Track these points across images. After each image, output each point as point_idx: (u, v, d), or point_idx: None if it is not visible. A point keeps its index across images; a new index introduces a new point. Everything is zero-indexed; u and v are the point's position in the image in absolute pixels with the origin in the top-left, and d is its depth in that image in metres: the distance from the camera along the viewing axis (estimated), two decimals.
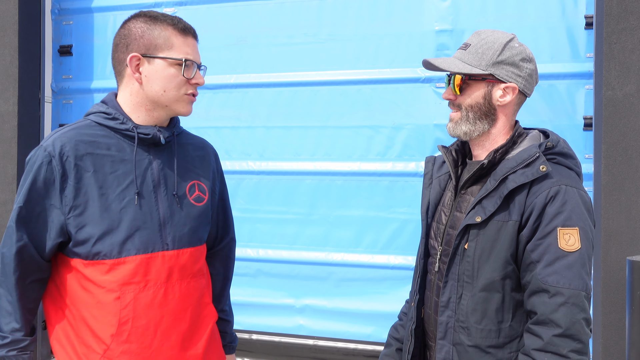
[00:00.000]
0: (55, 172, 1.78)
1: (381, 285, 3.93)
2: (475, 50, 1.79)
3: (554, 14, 3.64)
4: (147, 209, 1.85)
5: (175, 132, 1.96)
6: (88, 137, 1.83)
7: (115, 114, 1.87)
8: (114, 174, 1.83)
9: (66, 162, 1.78)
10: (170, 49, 1.84)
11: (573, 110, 3.62)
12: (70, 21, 4.56)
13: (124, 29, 1.91)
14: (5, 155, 4.24)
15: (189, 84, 1.87)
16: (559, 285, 1.61)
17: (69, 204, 1.78)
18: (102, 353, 1.82)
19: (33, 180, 1.78)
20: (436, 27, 3.83)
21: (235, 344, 2.24)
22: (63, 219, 1.80)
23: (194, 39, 1.91)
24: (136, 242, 1.82)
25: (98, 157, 1.82)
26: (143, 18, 1.89)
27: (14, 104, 4.23)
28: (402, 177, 3.90)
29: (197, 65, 1.89)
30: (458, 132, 1.82)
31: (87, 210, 1.80)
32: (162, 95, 1.85)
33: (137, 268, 1.82)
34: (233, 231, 2.22)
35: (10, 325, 1.83)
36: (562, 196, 1.66)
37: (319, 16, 4.05)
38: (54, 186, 1.78)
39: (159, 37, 1.84)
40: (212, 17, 4.22)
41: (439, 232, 1.87)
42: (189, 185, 1.96)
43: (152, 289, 1.84)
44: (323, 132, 4.04)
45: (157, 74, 1.84)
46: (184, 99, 1.88)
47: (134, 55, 1.85)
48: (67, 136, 1.82)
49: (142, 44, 1.85)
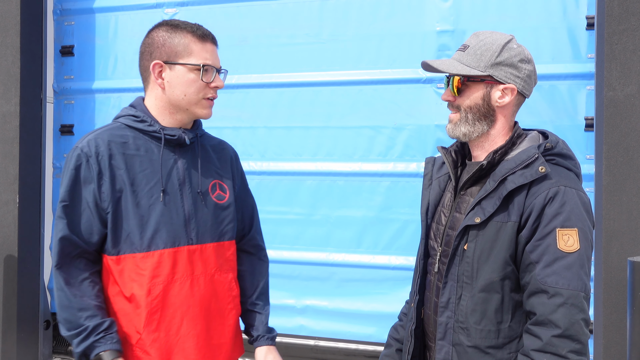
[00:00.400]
0: (92, 171, 1.92)
1: (382, 286, 3.94)
2: (474, 52, 1.79)
3: (555, 14, 3.63)
4: (172, 206, 1.98)
5: (198, 133, 2.09)
6: (119, 139, 1.97)
7: (143, 116, 2.00)
8: (142, 172, 1.96)
9: (101, 161, 1.92)
10: (189, 55, 1.96)
11: (574, 111, 3.61)
12: (72, 22, 4.57)
13: (148, 37, 2.03)
14: (7, 155, 4.25)
15: (208, 87, 1.99)
16: (557, 285, 1.61)
17: (106, 199, 1.92)
18: (134, 343, 1.95)
19: (73, 179, 1.92)
20: (437, 28, 3.83)
21: (272, 335, 2.22)
22: (103, 213, 1.94)
23: (213, 44, 2.03)
24: (163, 236, 1.95)
25: (129, 156, 1.96)
26: (165, 27, 2.01)
27: (16, 104, 4.24)
28: (403, 178, 3.90)
29: (216, 69, 2.01)
30: (457, 133, 1.83)
31: (121, 205, 1.94)
32: (182, 99, 1.98)
33: (165, 261, 1.95)
34: (256, 230, 2.30)
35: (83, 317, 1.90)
36: (561, 197, 1.66)
37: (321, 17, 4.05)
38: (93, 183, 1.92)
39: (179, 44, 1.96)
40: (213, 17, 4.22)
41: (439, 233, 1.87)
42: (211, 184, 2.09)
43: (179, 281, 1.98)
44: (324, 133, 4.04)
45: (178, 79, 1.96)
46: (203, 103, 2.00)
47: (157, 63, 1.97)
48: (101, 137, 1.96)
49: (164, 51, 1.97)
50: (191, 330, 2.00)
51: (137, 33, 4.40)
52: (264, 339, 2.20)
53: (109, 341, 1.89)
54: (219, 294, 2.08)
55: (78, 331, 1.90)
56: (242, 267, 2.25)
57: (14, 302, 4.24)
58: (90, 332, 1.89)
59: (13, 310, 4.24)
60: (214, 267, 2.06)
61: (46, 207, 4.51)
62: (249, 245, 2.28)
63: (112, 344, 1.89)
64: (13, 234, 4.24)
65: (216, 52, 2.04)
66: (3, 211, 4.26)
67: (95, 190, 1.92)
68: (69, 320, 1.92)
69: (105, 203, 1.92)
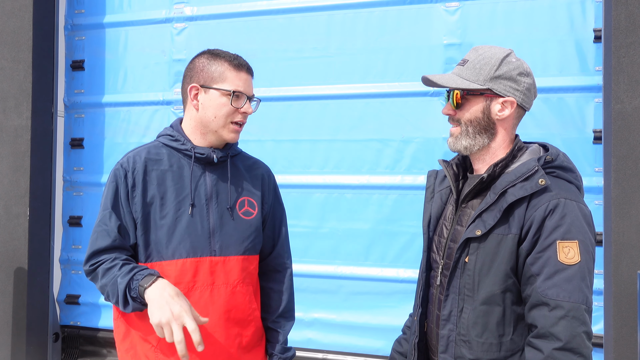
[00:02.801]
0: (128, 184, 2.11)
1: (390, 299, 3.92)
2: (473, 66, 1.80)
3: (563, 27, 3.63)
4: (198, 219, 2.12)
5: (230, 153, 2.22)
6: (155, 156, 2.16)
7: (177, 136, 2.18)
8: (173, 187, 2.13)
9: (136, 176, 2.11)
10: (223, 82, 2.12)
11: (582, 124, 3.60)
12: (82, 37, 4.62)
13: (191, 63, 2.20)
14: (18, 169, 4.29)
15: (237, 112, 2.13)
16: (558, 298, 1.61)
17: (137, 210, 2.10)
18: (155, 345, 2.07)
19: (115, 191, 2.12)
20: (444, 41, 3.85)
21: (286, 355, 2.30)
22: (134, 222, 2.11)
23: (248, 74, 2.18)
24: (187, 246, 2.09)
25: (162, 172, 2.14)
26: (206, 55, 2.18)
27: (28, 118, 4.29)
28: (411, 190, 3.90)
29: (247, 97, 2.15)
30: (458, 147, 1.83)
31: (150, 216, 2.10)
32: (212, 121, 2.13)
33: (187, 269, 2.09)
34: (283, 247, 2.36)
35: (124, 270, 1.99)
36: (561, 209, 1.66)
37: (328, 30, 4.07)
38: (128, 195, 2.10)
39: (215, 71, 2.12)
40: (222, 32, 4.26)
41: (441, 246, 1.87)
42: (240, 200, 2.21)
43: (199, 289, 2.10)
44: (332, 146, 4.05)
45: (211, 102, 2.12)
46: (230, 127, 2.15)
47: (194, 86, 2.14)
48: (139, 154, 2.16)
49: (201, 76, 2.14)
50: (209, 337, 2.09)
51: (147, 47, 4.45)
52: (277, 358, 2.29)
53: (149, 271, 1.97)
54: (240, 305, 2.17)
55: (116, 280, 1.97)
56: (266, 284, 2.33)
57: (24, 314, 4.26)
58: (130, 270, 1.97)
59: (22, 323, 4.26)
60: (237, 280, 2.16)
61: (56, 220, 4.55)
62: (274, 262, 2.35)
63: (152, 272, 1.96)
64: (23, 247, 4.28)
65: (250, 81, 2.18)
66: (14, 224, 4.29)
67: (130, 201, 2.10)
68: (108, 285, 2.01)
69: (137, 213, 2.10)
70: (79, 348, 4.62)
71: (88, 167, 4.60)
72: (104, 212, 2.13)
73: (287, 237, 2.40)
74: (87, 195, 4.60)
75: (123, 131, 4.51)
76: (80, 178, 4.62)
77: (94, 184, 4.57)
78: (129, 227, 2.11)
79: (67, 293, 4.62)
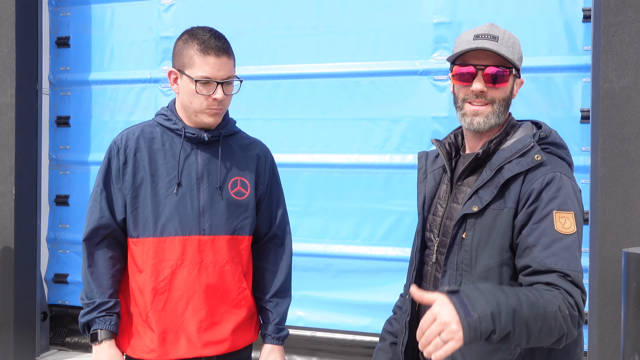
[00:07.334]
0: (120, 161, 2.15)
1: (379, 277, 3.95)
2: (506, 43, 1.77)
3: (552, 6, 3.64)
4: (188, 198, 2.14)
5: (223, 133, 2.20)
6: (149, 134, 2.18)
7: (170, 116, 2.19)
8: (164, 165, 2.15)
9: (128, 153, 2.15)
10: (192, 68, 2.09)
11: (570, 103, 3.63)
12: (67, 13, 4.55)
13: (175, 44, 2.18)
14: (3, 147, 4.24)
15: (210, 98, 2.09)
16: (557, 266, 1.62)
17: (128, 187, 2.14)
18: (144, 319, 2.14)
19: (107, 167, 2.17)
20: (434, 20, 3.83)
21: (279, 335, 2.27)
22: (124, 199, 2.15)
23: (218, 56, 2.08)
24: (175, 224, 2.12)
25: (154, 150, 2.16)
26: (184, 36, 2.14)
27: (12, 95, 4.23)
28: (400, 170, 3.91)
29: (217, 82, 2.08)
30: (487, 127, 1.80)
31: (140, 194, 2.14)
32: (189, 106, 2.14)
33: (174, 247, 2.12)
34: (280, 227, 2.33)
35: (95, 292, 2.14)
36: (557, 182, 1.68)
37: (318, 8, 4.04)
38: (119, 172, 2.15)
39: (186, 55, 2.10)
40: (210, 9, 4.21)
41: (435, 224, 1.88)
42: (232, 180, 2.20)
43: (187, 267, 2.13)
44: (321, 125, 4.05)
45: (184, 88, 2.12)
46: (205, 112, 2.13)
47: (172, 70, 2.15)
48: (132, 132, 2.19)
49: (177, 60, 2.14)
50: (195, 314, 2.13)
51: (133, 24, 4.39)
52: (270, 338, 2.26)
53: (107, 322, 2.12)
54: (229, 284, 2.18)
55: (87, 302, 2.14)
56: (261, 264, 2.31)
57: (11, 294, 4.24)
58: (95, 307, 2.12)
59: (10, 302, 4.25)
60: (226, 259, 2.17)
61: (42, 198, 4.51)
62: (270, 243, 2.33)
63: (109, 325, 2.12)
64: (9, 226, 4.24)
65: (221, 64, 2.09)
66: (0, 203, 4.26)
67: (121, 178, 2.15)
68: (84, 289, 2.17)
69: (127, 190, 2.14)
70: (67, 327, 4.61)
71: (74, 146, 4.56)
72: (96, 188, 2.18)
73: (286, 218, 2.36)
74: (74, 174, 4.56)
75: (110, 109, 4.47)
76: (67, 157, 4.57)
77: (80, 162, 4.53)
78: (118, 204, 2.15)
79: (55, 272, 4.60)
